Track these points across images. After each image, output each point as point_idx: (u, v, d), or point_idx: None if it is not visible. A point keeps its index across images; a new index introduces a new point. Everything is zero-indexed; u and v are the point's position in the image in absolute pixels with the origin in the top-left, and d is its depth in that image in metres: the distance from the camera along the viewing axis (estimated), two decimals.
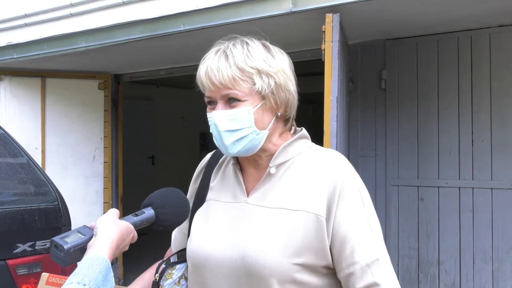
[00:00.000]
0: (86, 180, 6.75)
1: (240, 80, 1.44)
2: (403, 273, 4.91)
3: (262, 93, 1.46)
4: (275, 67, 1.50)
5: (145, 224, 1.44)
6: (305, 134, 1.60)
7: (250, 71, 1.45)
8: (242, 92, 1.45)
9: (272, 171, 1.51)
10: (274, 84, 1.48)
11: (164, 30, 4.64)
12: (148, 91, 9.81)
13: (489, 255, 4.53)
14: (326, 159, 1.50)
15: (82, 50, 5.27)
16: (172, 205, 1.49)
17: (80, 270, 1.17)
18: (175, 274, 1.65)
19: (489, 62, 4.55)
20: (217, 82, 1.44)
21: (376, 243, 1.42)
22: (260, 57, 1.49)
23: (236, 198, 1.55)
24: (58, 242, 1.31)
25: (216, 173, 1.68)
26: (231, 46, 1.50)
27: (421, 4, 3.91)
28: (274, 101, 1.49)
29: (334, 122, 3.65)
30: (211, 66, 1.47)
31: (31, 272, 3.17)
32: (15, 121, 6.42)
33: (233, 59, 1.46)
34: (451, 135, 4.70)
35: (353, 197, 1.44)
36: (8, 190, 3.52)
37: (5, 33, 5.85)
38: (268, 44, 1.57)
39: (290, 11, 3.97)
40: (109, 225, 1.33)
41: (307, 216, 1.41)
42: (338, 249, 1.40)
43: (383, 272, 1.39)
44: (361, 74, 5.13)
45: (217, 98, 1.47)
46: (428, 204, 4.80)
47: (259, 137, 1.48)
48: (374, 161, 5.02)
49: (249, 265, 1.41)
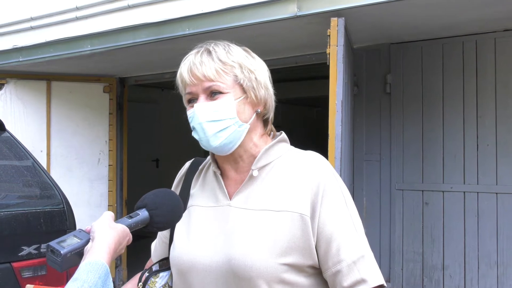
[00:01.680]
0: (91, 183, 6.76)
1: (223, 72, 1.48)
2: (408, 277, 4.90)
3: (243, 85, 1.50)
4: (255, 65, 1.55)
5: (140, 226, 1.43)
6: (284, 137, 1.62)
7: (232, 64, 1.50)
8: (225, 84, 1.48)
9: (255, 174, 1.52)
10: (254, 79, 1.52)
11: (169, 34, 4.65)
12: (153, 94, 9.82)
13: (494, 259, 4.51)
14: (307, 161, 1.52)
15: (87, 54, 5.28)
16: (166, 206, 1.48)
17: (79, 276, 1.16)
18: (158, 283, 1.63)
19: (494, 66, 4.54)
20: (200, 74, 1.48)
21: (360, 241, 1.44)
22: (241, 55, 1.54)
23: (219, 202, 1.55)
24: (54, 247, 1.28)
25: (196, 180, 1.68)
26: (213, 45, 1.54)
27: (426, 8, 3.91)
28: (254, 95, 1.52)
29: (339, 126, 3.65)
30: (193, 61, 1.51)
31: (36, 274, 3.17)
32: (21, 124, 6.44)
33: (215, 54, 1.50)
34: (456, 139, 4.69)
35: (336, 197, 1.46)
36: (13, 193, 3.53)
37: (11, 36, 5.87)
38: (248, 50, 1.61)
39: (295, 15, 3.98)
40: (106, 229, 1.32)
41: (292, 216, 1.43)
42: (324, 248, 1.42)
43: (369, 268, 1.41)
44: (366, 78, 5.13)
45: (199, 92, 1.50)
46: (433, 209, 4.79)
47: (241, 129, 1.50)
48: (378, 165, 5.01)
49: (236, 268, 1.41)
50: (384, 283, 1.43)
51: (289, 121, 10.18)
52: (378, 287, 1.41)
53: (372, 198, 4.96)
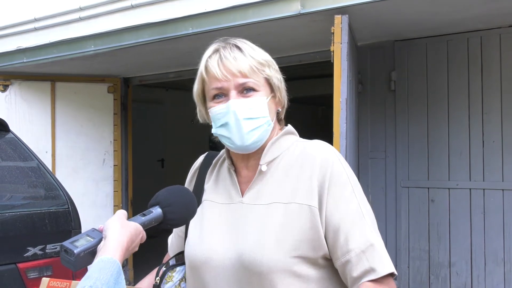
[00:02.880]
0: (96, 184, 6.77)
1: (257, 70, 1.48)
2: (414, 275, 4.88)
3: (272, 85, 1.52)
4: (276, 65, 1.56)
5: (153, 224, 1.43)
6: (291, 129, 1.62)
7: (263, 62, 1.50)
8: (258, 81, 1.49)
9: (264, 169, 1.52)
10: (280, 79, 1.55)
11: (172, 33, 4.65)
12: (157, 94, 9.83)
13: (500, 256, 4.50)
14: (313, 150, 1.51)
15: (91, 54, 5.29)
16: (179, 203, 1.48)
17: (92, 274, 1.17)
18: (175, 277, 1.65)
19: (500, 63, 4.52)
20: (235, 70, 1.46)
21: (369, 229, 1.42)
22: (266, 53, 1.55)
23: (232, 199, 1.56)
24: (67, 246, 1.30)
25: (210, 174, 1.68)
26: (238, 41, 1.54)
27: (430, 5, 3.89)
28: (279, 95, 1.55)
29: (344, 123, 3.65)
30: (225, 55, 1.48)
31: (41, 275, 3.17)
32: (25, 125, 6.46)
33: (247, 51, 1.50)
34: (462, 136, 4.67)
35: (343, 185, 1.45)
36: (18, 193, 3.54)
37: (14, 38, 5.88)
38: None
39: (298, 13, 3.97)
40: (118, 228, 1.32)
41: (300, 207, 1.43)
42: (332, 238, 1.41)
43: (379, 257, 1.39)
44: (370, 75, 5.11)
45: (231, 88, 1.48)
46: (439, 206, 4.77)
47: (269, 128, 1.52)
48: (384, 162, 5.00)
49: (247, 262, 1.42)
50: (394, 271, 1.40)
51: (294, 120, 10.16)
52: (388, 275, 1.39)
53: (378, 195, 4.94)
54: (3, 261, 3.09)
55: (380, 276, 1.37)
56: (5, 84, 6.44)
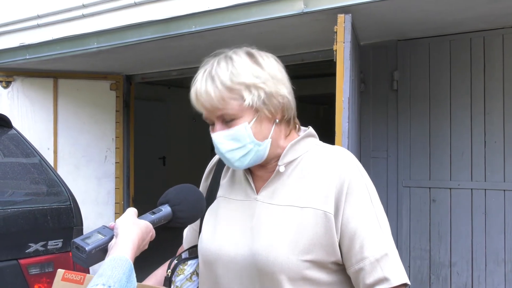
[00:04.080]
0: (98, 181, 6.77)
1: (230, 99, 1.44)
2: (415, 274, 4.88)
3: (254, 106, 1.45)
4: (263, 76, 1.47)
5: (163, 222, 1.45)
6: (312, 132, 1.61)
7: (237, 88, 1.44)
8: (234, 110, 1.45)
9: (281, 170, 1.52)
10: (264, 94, 1.46)
11: (175, 31, 4.64)
12: (160, 92, 9.84)
13: (501, 257, 4.49)
14: (333, 156, 1.51)
15: (94, 51, 5.29)
16: (188, 201, 1.50)
17: (104, 272, 1.18)
18: (187, 270, 1.66)
19: (502, 63, 4.52)
20: (207, 104, 1.46)
21: (385, 238, 1.43)
22: (246, 70, 1.46)
23: (247, 195, 1.56)
24: (79, 243, 1.31)
25: (227, 170, 1.70)
26: (216, 65, 1.48)
27: (433, 4, 3.89)
28: (268, 111, 1.48)
29: (346, 123, 3.64)
30: (199, 89, 1.47)
31: (43, 271, 3.18)
32: (28, 122, 6.46)
33: (218, 79, 1.44)
34: (464, 136, 4.66)
35: (361, 194, 1.45)
36: (20, 190, 3.54)
37: (17, 34, 5.88)
38: (254, 51, 1.53)
39: (301, 12, 3.96)
40: (130, 226, 1.35)
41: (316, 213, 1.43)
42: (348, 245, 1.42)
43: (392, 266, 1.40)
44: (373, 75, 5.11)
45: (213, 119, 1.49)
46: (440, 206, 4.77)
47: (262, 148, 1.49)
48: (385, 162, 5.00)
49: (259, 262, 1.43)
50: (407, 282, 1.41)
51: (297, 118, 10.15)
52: (402, 285, 1.40)
53: (379, 195, 4.84)
54: (4, 257, 3.10)
55: (393, 286, 1.38)
56: (8, 80, 6.44)
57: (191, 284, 1.65)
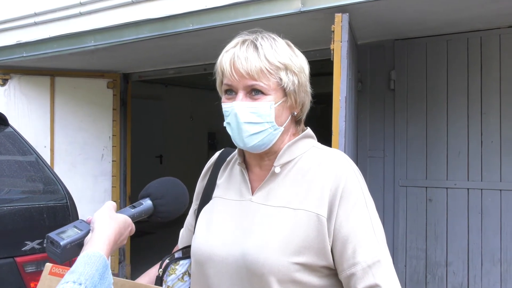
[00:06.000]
0: (95, 179, 6.77)
1: (268, 73, 1.43)
2: (411, 274, 4.89)
3: (286, 89, 1.46)
4: (298, 66, 1.50)
5: (143, 216, 1.41)
6: (309, 133, 1.59)
7: (278, 65, 1.44)
8: (267, 85, 1.43)
9: (277, 171, 1.51)
10: (297, 82, 1.48)
11: (172, 30, 4.64)
12: (157, 90, 9.84)
13: (497, 257, 4.50)
14: (330, 159, 1.49)
15: (91, 49, 5.28)
16: (171, 195, 1.47)
17: (76, 268, 1.14)
18: (178, 270, 1.65)
19: (499, 63, 4.53)
20: (243, 71, 1.42)
21: (378, 244, 1.40)
22: (287, 54, 1.49)
23: (242, 196, 1.55)
24: (54, 238, 1.27)
25: (223, 171, 1.68)
26: (260, 38, 1.49)
27: (430, 4, 3.89)
28: (294, 99, 1.49)
29: (343, 122, 3.64)
30: (238, 54, 1.44)
31: (39, 269, 3.17)
32: (24, 120, 6.46)
33: (262, 51, 1.44)
34: (460, 136, 4.67)
35: (356, 198, 1.43)
36: (17, 187, 3.53)
37: (14, 32, 5.87)
38: (291, 43, 1.57)
39: (299, 11, 3.97)
40: (106, 220, 1.30)
41: (308, 215, 1.41)
42: (340, 250, 1.39)
43: (385, 273, 1.38)
44: (370, 74, 5.11)
45: (239, 88, 1.45)
46: (437, 205, 4.78)
47: (275, 132, 1.48)
48: (382, 161, 5.01)
49: (249, 263, 1.41)
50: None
51: None
52: None
53: (376, 194, 4.93)
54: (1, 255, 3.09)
55: None
56: (5, 78, 6.43)
57: (183, 284, 1.64)
